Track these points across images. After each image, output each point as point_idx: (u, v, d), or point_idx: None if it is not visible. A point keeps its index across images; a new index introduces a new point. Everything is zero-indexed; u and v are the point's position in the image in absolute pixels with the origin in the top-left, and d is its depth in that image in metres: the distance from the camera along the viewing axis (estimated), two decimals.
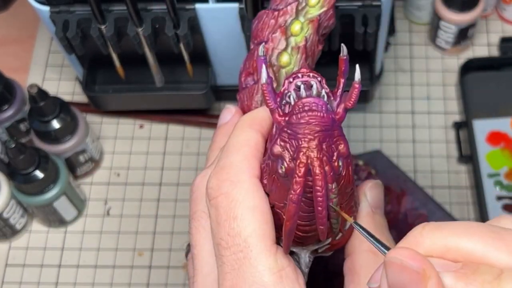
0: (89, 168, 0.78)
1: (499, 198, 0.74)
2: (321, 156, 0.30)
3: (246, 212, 0.34)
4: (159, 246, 0.75)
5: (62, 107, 0.70)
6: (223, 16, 0.66)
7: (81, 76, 0.76)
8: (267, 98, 0.31)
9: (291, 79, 0.32)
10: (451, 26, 0.80)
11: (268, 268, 0.33)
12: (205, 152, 0.80)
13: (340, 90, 0.32)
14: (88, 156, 0.76)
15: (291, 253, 0.36)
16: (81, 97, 0.83)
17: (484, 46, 0.85)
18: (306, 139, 0.30)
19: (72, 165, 0.75)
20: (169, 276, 0.73)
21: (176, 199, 0.77)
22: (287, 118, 0.30)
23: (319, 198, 0.30)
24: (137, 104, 0.78)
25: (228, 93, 0.80)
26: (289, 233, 0.32)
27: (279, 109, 0.31)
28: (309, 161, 0.30)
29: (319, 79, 0.32)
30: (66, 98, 0.79)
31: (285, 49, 0.40)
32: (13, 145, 0.65)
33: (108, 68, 0.73)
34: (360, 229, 0.32)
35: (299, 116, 0.30)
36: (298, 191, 0.30)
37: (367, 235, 0.32)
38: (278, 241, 0.35)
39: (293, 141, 0.30)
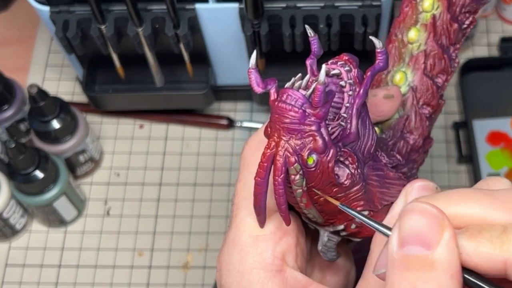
0: (89, 168, 0.78)
1: None
2: (284, 146, 0.31)
3: (250, 178, 0.36)
4: (159, 246, 0.75)
5: (62, 107, 0.70)
6: (223, 16, 0.66)
7: (81, 76, 0.76)
8: (251, 83, 0.32)
9: (328, 63, 0.33)
10: None
11: (248, 230, 0.35)
12: (205, 153, 0.80)
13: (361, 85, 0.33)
14: (88, 156, 0.76)
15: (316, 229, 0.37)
16: (81, 97, 0.83)
17: (484, 46, 0.85)
18: (276, 127, 0.31)
19: (72, 165, 0.75)
20: (169, 276, 0.73)
21: (176, 199, 0.77)
22: (274, 104, 0.32)
23: (274, 186, 0.32)
24: (137, 104, 0.78)
25: (228, 93, 0.80)
26: (256, 209, 0.34)
27: (273, 93, 0.32)
28: (273, 149, 0.32)
29: (347, 68, 0.33)
30: (66, 98, 0.79)
31: (414, 25, 0.40)
32: (13, 145, 0.65)
33: (108, 68, 0.73)
34: (351, 211, 0.32)
35: (275, 104, 0.31)
36: (259, 174, 0.32)
37: (362, 217, 0.31)
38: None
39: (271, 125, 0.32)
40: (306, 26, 0.35)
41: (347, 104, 0.33)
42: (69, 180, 0.72)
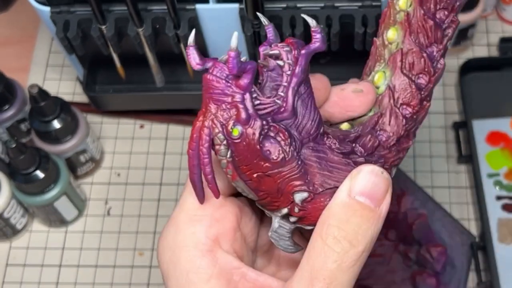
0: (89, 168, 0.78)
1: (499, 198, 0.74)
2: (209, 117, 0.33)
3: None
4: None
5: (62, 107, 0.70)
6: (223, 16, 0.66)
7: (82, 76, 0.76)
8: (189, 59, 0.33)
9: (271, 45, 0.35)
10: None
11: (186, 209, 0.37)
12: None
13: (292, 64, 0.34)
14: (89, 156, 0.76)
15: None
16: (82, 97, 0.83)
17: (484, 46, 0.85)
18: (204, 99, 0.33)
19: (72, 165, 0.75)
20: None
21: (176, 199, 0.77)
22: (203, 77, 0.33)
23: (199, 156, 0.33)
24: (138, 104, 0.78)
25: None
26: (192, 184, 0.35)
27: (209, 69, 0.33)
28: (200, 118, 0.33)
29: (286, 49, 0.35)
30: (67, 98, 0.79)
31: (392, 25, 0.40)
32: (14, 145, 0.65)
33: (108, 68, 0.73)
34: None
35: (204, 76, 0.33)
36: (190, 145, 0.33)
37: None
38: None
39: None
40: (259, 14, 0.37)
41: (285, 84, 0.34)
42: (70, 180, 0.72)
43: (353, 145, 0.37)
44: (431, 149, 0.79)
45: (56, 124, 0.70)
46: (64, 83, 0.85)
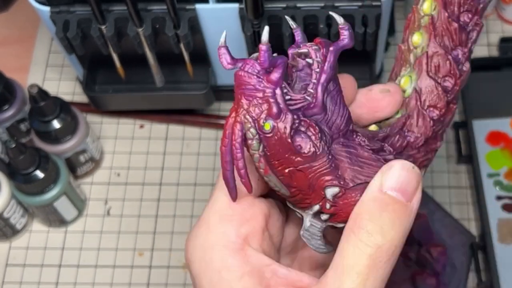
0: (89, 168, 0.78)
1: (499, 198, 0.74)
2: (241, 112, 0.34)
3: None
4: (159, 246, 0.75)
5: (62, 107, 0.70)
6: (223, 16, 0.66)
7: (82, 76, 0.76)
8: (220, 60, 0.35)
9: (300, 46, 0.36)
10: None
11: (217, 210, 0.36)
12: (205, 153, 0.80)
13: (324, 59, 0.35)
14: (89, 156, 0.76)
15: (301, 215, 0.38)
16: (82, 97, 0.83)
17: (484, 46, 0.85)
18: (237, 96, 0.34)
19: (72, 165, 0.75)
20: (169, 276, 0.73)
21: (176, 199, 0.77)
22: (235, 74, 0.34)
23: (232, 151, 0.34)
24: (137, 104, 0.78)
25: (228, 93, 0.80)
26: (225, 181, 0.35)
27: (240, 66, 0.34)
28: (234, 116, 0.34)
29: (315, 47, 0.35)
30: (67, 98, 0.79)
31: (417, 29, 0.40)
32: (14, 145, 0.65)
33: (108, 68, 0.73)
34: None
35: (235, 74, 0.34)
36: (223, 142, 0.34)
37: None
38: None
39: None
40: (287, 17, 0.37)
41: (314, 81, 0.34)
42: (70, 180, 0.72)
43: (382, 143, 0.37)
44: None
45: (56, 124, 0.70)
46: (63, 83, 0.85)
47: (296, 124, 0.33)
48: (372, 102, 0.39)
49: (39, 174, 0.68)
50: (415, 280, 0.70)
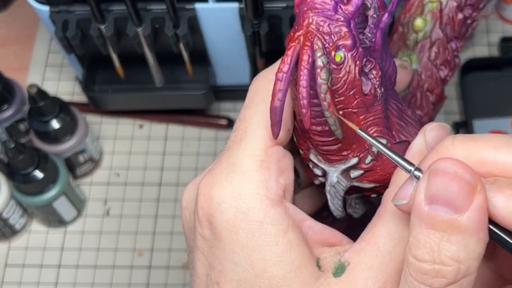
0: (88, 168, 0.78)
1: None
2: (312, 36, 0.30)
3: (264, 105, 0.34)
4: (159, 246, 0.75)
5: (61, 107, 0.70)
6: (223, 16, 0.66)
7: (81, 76, 0.76)
8: None
9: None
10: None
11: (253, 154, 0.33)
12: (205, 153, 0.80)
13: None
14: (88, 156, 0.76)
15: (324, 171, 0.35)
16: (81, 97, 0.83)
17: (484, 46, 0.85)
18: (305, 17, 0.30)
19: (71, 165, 0.75)
20: (169, 276, 0.73)
21: (176, 199, 0.77)
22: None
23: (298, 77, 0.30)
24: (137, 104, 0.78)
25: (228, 93, 0.80)
26: (272, 111, 0.32)
27: None
28: (300, 39, 0.30)
29: None
30: (66, 98, 0.79)
31: (420, 14, 0.40)
32: (13, 145, 0.65)
33: (107, 68, 0.73)
34: (368, 137, 0.30)
35: None
36: (282, 67, 0.31)
37: (381, 147, 0.30)
38: (307, 151, 0.35)
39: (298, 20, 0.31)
40: None
41: (371, 25, 0.32)
42: (69, 180, 0.72)
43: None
44: None
45: (55, 124, 0.70)
46: (63, 83, 0.85)
47: (364, 62, 0.31)
48: None
49: (38, 174, 0.68)
50: None
